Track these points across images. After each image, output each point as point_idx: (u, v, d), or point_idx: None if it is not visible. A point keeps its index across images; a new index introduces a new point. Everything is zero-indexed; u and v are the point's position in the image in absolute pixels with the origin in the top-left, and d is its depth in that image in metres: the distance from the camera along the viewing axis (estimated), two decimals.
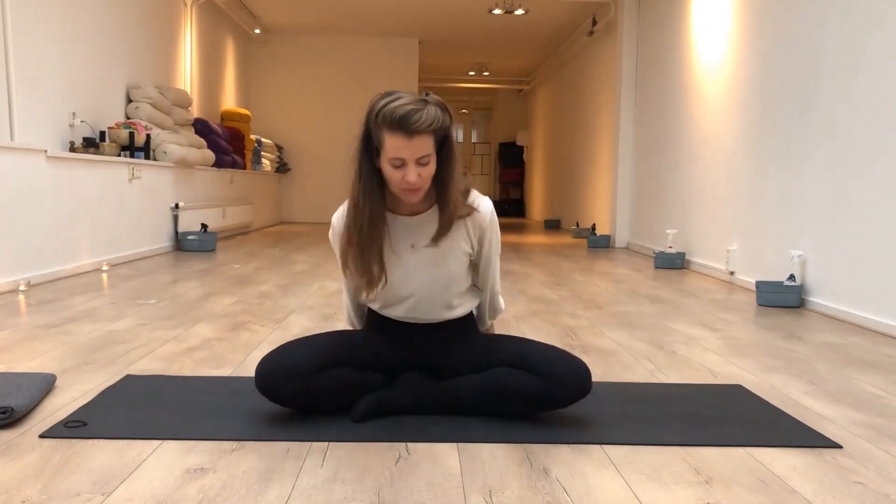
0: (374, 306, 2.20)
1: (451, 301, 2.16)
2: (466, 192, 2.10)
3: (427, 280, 2.11)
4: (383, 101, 1.92)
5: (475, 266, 2.20)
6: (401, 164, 1.91)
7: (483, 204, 2.12)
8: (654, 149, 7.77)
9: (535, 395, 2.05)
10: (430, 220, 2.08)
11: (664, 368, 2.83)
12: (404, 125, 1.87)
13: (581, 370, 2.07)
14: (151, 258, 6.32)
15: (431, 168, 1.96)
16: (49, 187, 4.84)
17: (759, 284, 4.49)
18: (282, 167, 12.01)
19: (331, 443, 1.91)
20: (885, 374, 2.80)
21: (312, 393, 2.04)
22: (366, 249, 2.01)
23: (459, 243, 2.11)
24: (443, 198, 2.03)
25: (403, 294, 2.13)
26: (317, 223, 11.80)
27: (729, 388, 2.55)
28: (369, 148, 1.97)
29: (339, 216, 2.10)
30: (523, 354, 2.11)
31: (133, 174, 6.12)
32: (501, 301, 2.32)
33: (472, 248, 2.13)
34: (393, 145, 1.89)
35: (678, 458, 1.87)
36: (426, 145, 1.91)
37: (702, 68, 6.39)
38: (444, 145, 1.99)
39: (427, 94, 1.97)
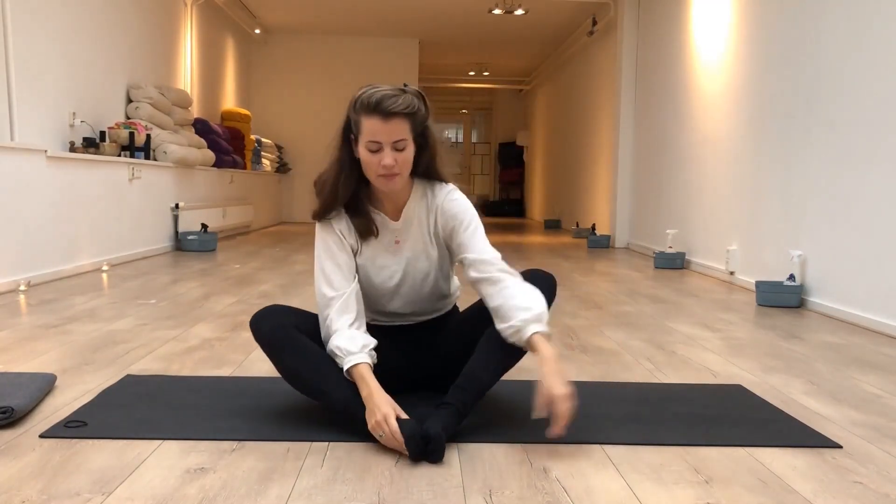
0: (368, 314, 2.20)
1: (441, 288, 2.22)
2: (443, 180, 2.14)
3: (417, 265, 2.14)
4: (362, 90, 2.00)
5: (451, 249, 2.16)
6: (377, 149, 1.96)
7: (452, 194, 2.12)
8: (654, 149, 7.77)
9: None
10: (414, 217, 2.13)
11: (664, 368, 2.83)
12: (379, 108, 1.94)
13: (530, 270, 2.13)
14: (151, 258, 6.32)
15: (408, 154, 2.00)
16: (49, 187, 4.84)
17: (758, 284, 4.49)
18: (282, 167, 12.01)
19: (331, 443, 1.91)
20: (885, 374, 2.80)
21: (288, 338, 2.00)
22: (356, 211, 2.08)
23: (423, 228, 2.13)
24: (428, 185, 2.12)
25: (394, 284, 2.15)
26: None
27: (729, 388, 2.55)
28: (349, 138, 2.04)
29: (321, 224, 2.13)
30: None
31: (133, 174, 6.12)
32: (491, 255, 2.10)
33: (430, 231, 2.13)
34: (369, 128, 1.95)
35: (678, 458, 1.87)
36: (402, 129, 1.96)
37: (702, 68, 6.39)
38: (424, 137, 2.04)
39: (405, 86, 2.03)
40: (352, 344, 1.97)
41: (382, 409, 1.84)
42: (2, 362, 2.69)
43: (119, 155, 5.99)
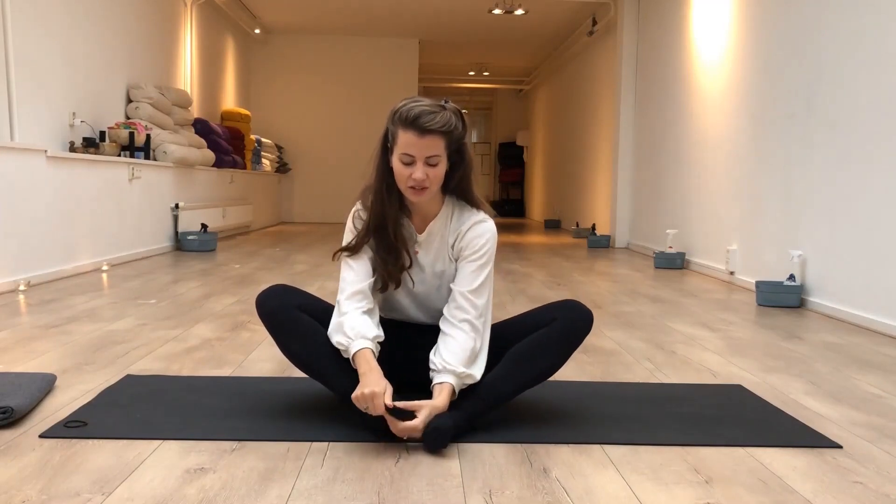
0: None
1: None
2: (475, 205, 2.14)
3: (432, 281, 2.15)
4: (403, 102, 2.01)
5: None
6: (410, 162, 1.98)
7: (480, 225, 2.11)
8: (654, 149, 7.77)
9: (549, 342, 2.08)
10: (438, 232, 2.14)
11: (664, 368, 2.83)
12: (416, 123, 1.95)
13: (570, 301, 2.18)
14: (151, 258, 6.32)
15: (439, 171, 2.01)
16: (49, 187, 4.84)
17: (759, 284, 4.49)
18: (282, 167, 12.01)
19: (331, 443, 1.91)
20: (885, 374, 2.80)
21: (290, 319, 2.06)
22: (398, 235, 2.08)
23: (444, 250, 2.14)
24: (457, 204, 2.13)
25: (406, 292, 2.17)
26: (317, 223, 11.80)
27: (729, 388, 2.55)
28: (387, 146, 2.05)
29: (355, 211, 2.15)
30: (518, 323, 2.19)
31: (133, 174, 6.12)
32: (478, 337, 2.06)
33: (449, 252, 2.14)
34: (405, 142, 1.97)
35: (678, 458, 1.87)
36: (437, 146, 1.97)
37: (702, 68, 6.39)
38: (459, 155, 2.05)
39: (446, 101, 2.04)
40: (367, 329, 1.99)
41: (373, 386, 1.86)
42: (2, 362, 2.69)
43: (119, 155, 5.99)
